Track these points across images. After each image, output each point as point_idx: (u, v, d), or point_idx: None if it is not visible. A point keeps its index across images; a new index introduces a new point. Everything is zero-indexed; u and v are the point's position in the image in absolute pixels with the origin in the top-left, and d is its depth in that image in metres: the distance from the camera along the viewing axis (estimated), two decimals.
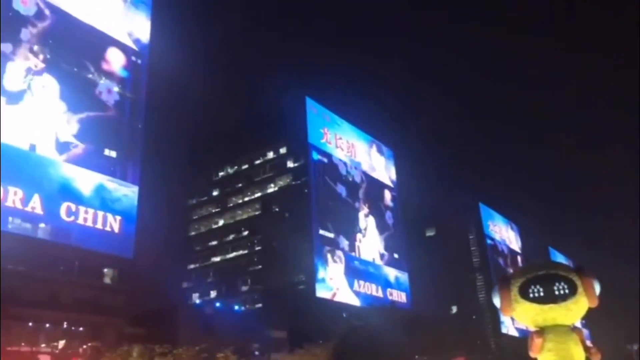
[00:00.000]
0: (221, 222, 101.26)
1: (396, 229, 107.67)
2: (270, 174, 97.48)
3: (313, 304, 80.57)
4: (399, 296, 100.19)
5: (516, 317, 6.01)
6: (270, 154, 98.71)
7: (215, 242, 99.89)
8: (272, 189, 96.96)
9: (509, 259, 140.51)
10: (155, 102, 71.12)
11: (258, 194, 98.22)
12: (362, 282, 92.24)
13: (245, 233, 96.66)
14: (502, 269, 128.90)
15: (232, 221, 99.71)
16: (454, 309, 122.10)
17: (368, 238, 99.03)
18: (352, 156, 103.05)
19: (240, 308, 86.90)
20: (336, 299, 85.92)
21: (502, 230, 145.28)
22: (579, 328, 6.05)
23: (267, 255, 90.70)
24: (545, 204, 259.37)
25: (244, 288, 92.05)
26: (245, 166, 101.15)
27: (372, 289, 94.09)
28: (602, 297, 5.84)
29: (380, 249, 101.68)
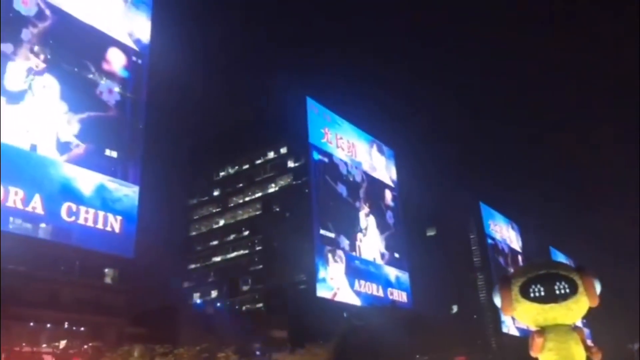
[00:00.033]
0: (222, 222, 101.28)
1: (397, 229, 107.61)
2: (271, 174, 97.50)
3: (314, 304, 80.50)
4: (399, 296, 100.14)
5: (517, 316, 6.00)
6: (270, 154, 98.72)
7: (216, 242, 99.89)
8: (272, 188, 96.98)
9: (510, 259, 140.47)
10: (155, 102, 71.12)
11: (259, 194, 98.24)
12: (362, 282, 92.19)
13: (246, 233, 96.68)
14: (502, 268, 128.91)
15: (232, 221, 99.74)
16: (454, 309, 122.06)
17: (369, 238, 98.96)
18: (353, 156, 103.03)
19: (241, 308, 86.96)
20: (337, 299, 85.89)
21: (503, 230, 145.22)
22: (579, 327, 6.06)
23: (268, 255, 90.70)
24: (546, 203, 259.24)
25: (245, 288, 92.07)
26: (246, 166, 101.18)
27: (373, 289, 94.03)
28: (602, 297, 5.84)
29: (381, 248, 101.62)
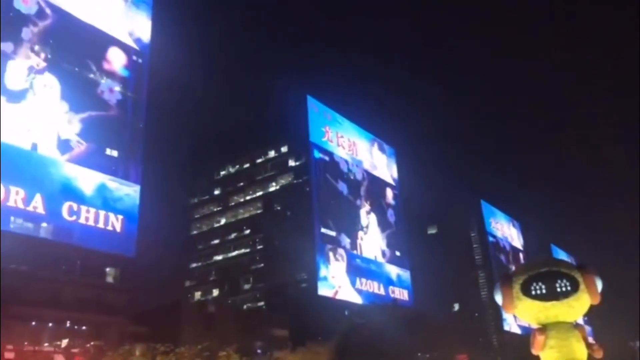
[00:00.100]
0: (223, 221, 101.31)
1: (398, 227, 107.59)
2: (272, 173, 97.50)
3: (315, 302, 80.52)
4: (401, 294, 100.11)
5: (518, 314, 5.99)
6: (271, 153, 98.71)
7: (217, 241, 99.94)
8: (273, 187, 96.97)
9: (511, 256, 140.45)
10: (156, 102, 71.35)
11: (260, 193, 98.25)
12: (364, 280, 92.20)
13: (247, 232, 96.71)
14: (504, 266, 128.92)
15: (233, 220, 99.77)
16: (456, 307, 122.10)
17: (370, 236, 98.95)
18: (354, 154, 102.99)
19: (242, 306, 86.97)
20: (338, 297, 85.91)
21: (504, 228, 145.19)
22: (581, 325, 6.05)
23: (269, 254, 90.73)
24: (547, 201, 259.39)
25: (246, 286, 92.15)
26: (247, 165, 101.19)
27: (374, 287, 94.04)
28: (604, 294, 5.83)
29: (382, 246, 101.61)
